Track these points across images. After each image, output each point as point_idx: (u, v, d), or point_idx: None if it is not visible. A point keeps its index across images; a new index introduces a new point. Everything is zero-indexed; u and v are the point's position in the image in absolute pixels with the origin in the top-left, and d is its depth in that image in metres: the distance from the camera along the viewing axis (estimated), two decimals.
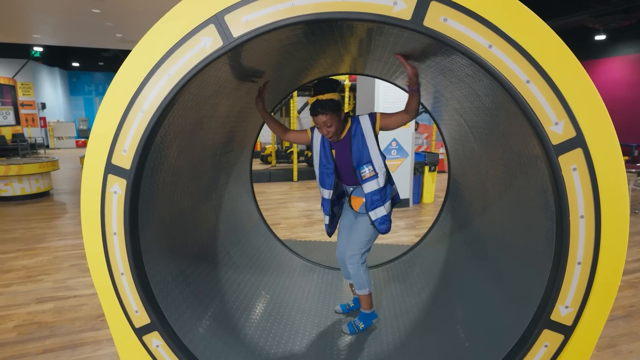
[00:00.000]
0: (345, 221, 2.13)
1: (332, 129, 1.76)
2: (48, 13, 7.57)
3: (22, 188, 6.20)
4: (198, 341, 1.56)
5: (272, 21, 1.16)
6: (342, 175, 1.97)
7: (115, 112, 1.27)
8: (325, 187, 1.97)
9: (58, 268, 3.55)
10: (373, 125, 1.85)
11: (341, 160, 1.90)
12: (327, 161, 1.92)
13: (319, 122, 1.74)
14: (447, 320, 1.84)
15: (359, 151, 1.85)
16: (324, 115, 1.72)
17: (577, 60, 1.10)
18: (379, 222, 1.90)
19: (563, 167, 1.15)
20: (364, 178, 1.86)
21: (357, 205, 1.98)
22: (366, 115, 1.87)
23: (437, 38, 1.14)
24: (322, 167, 1.95)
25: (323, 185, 1.97)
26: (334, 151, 1.92)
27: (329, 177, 1.93)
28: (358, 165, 1.86)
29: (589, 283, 1.21)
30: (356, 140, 1.85)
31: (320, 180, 1.98)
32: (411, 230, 4.81)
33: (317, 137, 1.93)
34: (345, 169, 1.92)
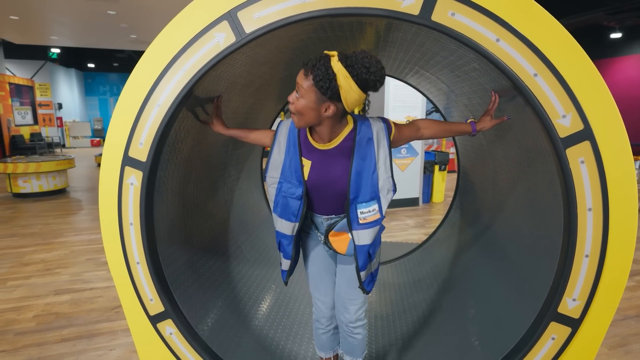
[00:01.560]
0: (321, 265, 1.46)
1: (299, 105, 1.15)
2: (65, 15, 7.76)
3: (40, 185, 6.37)
4: (209, 330, 1.61)
5: (283, 17, 1.19)
6: (315, 203, 1.32)
7: (133, 105, 1.32)
8: (286, 217, 1.31)
9: (74, 262, 3.66)
10: (388, 136, 1.28)
11: (321, 180, 1.26)
12: (291, 175, 1.28)
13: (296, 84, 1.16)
14: (454, 314, 1.85)
15: (362, 175, 1.24)
16: (304, 77, 1.12)
17: (584, 53, 1.11)
18: (368, 282, 1.37)
19: (571, 159, 1.16)
20: (361, 222, 1.24)
21: (341, 246, 1.35)
22: (379, 119, 1.30)
23: (445, 32, 1.16)
24: (284, 185, 1.29)
25: (283, 215, 1.31)
26: (308, 162, 1.27)
27: (293, 202, 1.28)
28: (356, 197, 1.24)
29: (597, 276, 1.21)
30: (361, 153, 1.23)
31: (278, 207, 1.31)
32: (420, 229, 4.80)
33: (283, 133, 1.31)
34: (325, 194, 1.28)
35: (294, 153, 1.30)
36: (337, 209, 1.34)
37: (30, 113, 12.90)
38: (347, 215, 1.28)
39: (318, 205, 1.35)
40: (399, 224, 5.06)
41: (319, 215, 1.38)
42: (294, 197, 1.29)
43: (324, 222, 1.38)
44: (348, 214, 1.27)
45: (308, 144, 1.30)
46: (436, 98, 2.50)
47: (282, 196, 1.31)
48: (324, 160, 1.28)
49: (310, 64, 1.12)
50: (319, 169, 1.28)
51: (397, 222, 5.15)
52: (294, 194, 1.29)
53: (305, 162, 1.29)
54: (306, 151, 1.30)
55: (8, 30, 9.20)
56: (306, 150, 1.30)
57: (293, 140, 1.31)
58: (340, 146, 1.27)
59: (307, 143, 1.31)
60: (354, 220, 1.27)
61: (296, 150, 1.29)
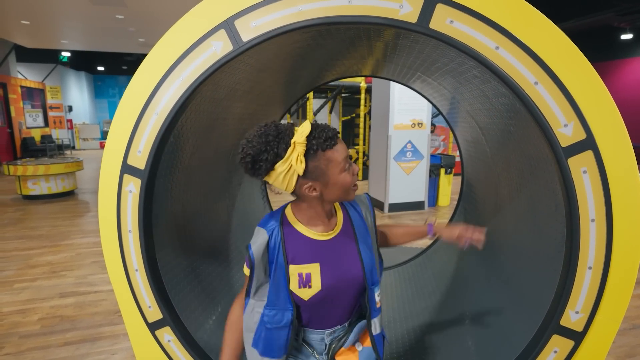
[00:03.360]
0: None
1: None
2: (74, 19, 7.89)
3: (49, 187, 6.47)
4: (208, 337, 1.61)
5: (280, 25, 1.19)
6: (317, 316, 1.05)
7: (131, 113, 1.32)
8: (269, 354, 1.02)
9: (80, 264, 3.70)
10: (374, 218, 1.15)
11: (338, 279, 1.01)
12: (276, 298, 1.00)
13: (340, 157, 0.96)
14: (456, 324, 1.83)
15: (369, 251, 1.07)
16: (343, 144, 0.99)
17: (586, 60, 1.08)
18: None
19: (573, 169, 1.13)
20: (377, 306, 1.07)
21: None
22: (363, 196, 1.17)
23: (443, 40, 1.14)
24: (266, 313, 1.01)
25: (266, 352, 1.02)
26: (316, 266, 1.00)
27: (279, 333, 1.01)
28: (372, 281, 1.05)
29: (601, 288, 1.18)
30: (358, 226, 1.09)
31: (260, 342, 1.03)
32: None
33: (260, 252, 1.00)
34: (340, 297, 1.04)
35: (279, 268, 1.00)
36: (346, 314, 1.08)
37: (41, 115, 13.11)
38: (367, 306, 1.06)
39: (320, 319, 1.07)
40: None
41: (319, 331, 1.08)
42: (281, 325, 1.01)
43: (325, 339, 1.08)
44: (368, 304, 1.05)
45: (308, 243, 1.02)
46: (439, 103, 2.48)
47: (264, 328, 1.02)
48: (335, 252, 1.03)
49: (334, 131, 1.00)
50: (333, 266, 1.02)
51: None
52: (281, 321, 1.01)
53: (311, 269, 1.00)
54: (307, 254, 1.01)
55: (20, 35, 9.37)
56: (306, 253, 1.01)
57: (275, 256, 1.01)
58: (344, 229, 1.07)
59: (301, 240, 1.02)
60: (373, 307, 1.07)
61: (281, 264, 1.00)
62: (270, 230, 1.02)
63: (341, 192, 1.00)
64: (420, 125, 5.71)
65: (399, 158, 5.71)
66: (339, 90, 8.92)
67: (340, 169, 0.97)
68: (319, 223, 1.05)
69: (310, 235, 1.03)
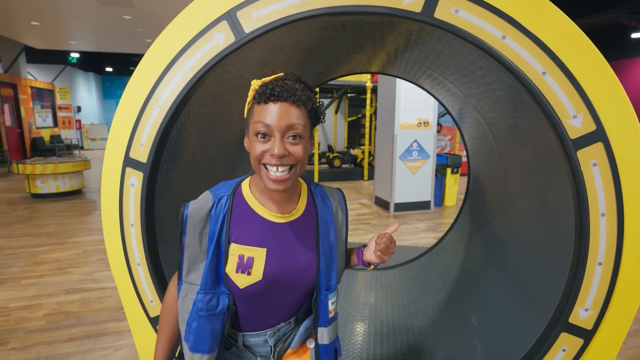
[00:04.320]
0: None
1: (301, 151, 0.81)
2: (83, 20, 7.97)
3: (57, 186, 6.54)
4: None
5: (282, 16, 1.18)
6: (255, 314, 0.91)
7: (134, 106, 1.32)
8: (199, 348, 0.86)
9: (86, 261, 3.72)
10: (346, 217, 0.99)
11: (284, 272, 0.87)
12: (213, 280, 0.85)
13: (274, 123, 0.78)
14: (462, 321, 1.79)
15: (330, 252, 0.93)
16: (296, 107, 0.80)
17: (596, 49, 1.05)
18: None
19: (582, 162, 1.10)
20: (330, 316, 0.92)
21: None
22: (336, 191, 1.01)
23: (448, 30, 1.12)
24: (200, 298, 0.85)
25: (196, 346, 0.86)
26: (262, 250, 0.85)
27: (214, 320, 0.86)
28: (327, 285, 0.91)
29: (611, 285, 1.15)
30: (323, 221, 0.93)
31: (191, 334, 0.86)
32: (431, 233, 4.72)
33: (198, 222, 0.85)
34: (284, 292, 0.89)
35: (219, 245, 0.85)
36: (290, 312, 0.94)
37: (50, 116, 13.29)
38: (315, 311, 0.91)
39: (260, 317, 0.91)
40: (409, 227, 4.99)
41: (259, 333, 0.92)
42: (217, 312, 0.85)
43: (268, 340, 0.93)
44: (317, 310, 0.91)
45: (255, 219, 0.87)
46: (446, 99, 2.45)
47: (197, 317, 0.85)
48: (287, 239, 0.88)
49: (294, 87, 0.81)
50: (281, 255, 0.87)
51: (407, 225, 5.08)
52: (216, 307, 0.85)
53: (255, 253, 0.85)
54: (251, 233, 0.86)
55: (30, 36, 9.50)
56: (253, 233, 0.86)
57: (217, 229, 0.85)
58: (305, 215, 0.92)
59: (251, 217, 0.87)
60: (324, 315, 0.91)
61: (221, 244, 0.85)
62: (217, 198, 0.87)
63: (253, 162, 0.82)
64: (426, 125, 5.67)
65: (404, 157, 5.68)
66: (344, 90, 8.90)
67: (253, 130, 0.80)
68: (270, 201, 0.89)
69: (261, 214, 0.88)
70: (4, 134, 10.05)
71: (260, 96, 0.80)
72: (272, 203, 0.89)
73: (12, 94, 10.81)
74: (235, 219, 0.87)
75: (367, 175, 8.84)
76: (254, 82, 0.84)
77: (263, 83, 0.83)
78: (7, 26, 8.55)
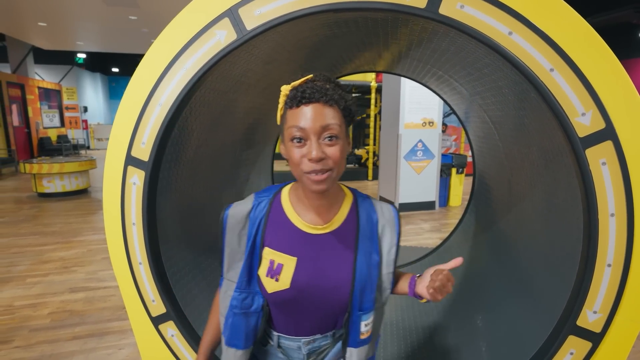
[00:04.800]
0: None
1: (338, 153, 0.78)
2: (89, 21, 8.03)
3: (63, 185, 6.59)
4: None
5: (284, 13, 1.16)
6: (290, 320, 0.91)
7: (135, 104, 1.31)
8: (233, 343, 0.90)
9: (91, 260, 3.74)
10: (398, 232, 0.92)
11: (314, 285, 0.85)
12: (246, 280, 0.88)
13: (308, 125, 0.76)
14: (467, 323, 1.77)
15: (368, 273, 0.87)
16: (329, 107, 0.77)
17: (606, 45, 1.03)
18: None
19: (591, 161, 1.07)
20: (362, 337, 0.89)
21: None
22: (388, 207, 0.93)
23: (453, 26, 1.10)
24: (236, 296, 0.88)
25: (231, 340, 0.90)
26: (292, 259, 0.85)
27: (249, 318, 0.89)
28: (360, 306, 0.86)
29: (621, 287, 1.12)
30: (364, 239, 0.88)
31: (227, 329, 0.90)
32: (436, 233, 4.69)
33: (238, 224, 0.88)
34: (314, 306, 0.87)
35: (253, 249, 0.88)
36: (326, 325, 0.91)
37: (57, 116, 13.41)
38: (346, 331, 0.88)
39: (292, 323, 0.90)
40: (414, 227, 4.96)
41: (294, 338, 0.91)
42: (251, 310, 0.88)
43: (302, 347, 0.92)
44: (347, 329, 0.87)
45: (289, 227, 0.87)
46: (451, 98, 2.42)
47: (232, 314, 0.89)
48: (320, 253, 0.86)
49: (325, 87, 0.78)
50: (312, 268, 0.85)
51: (412, 225, 5.04)
52: (251, 306, 0.88)
53: (285, 260, 0.85)
54: (283, 240, 0.87)
55: (37, 36, 9.59)
56: (283, 238, 0.87)
57: (254, 231, 0.88)
58: (342, 228, 0.87)
59: (285, 225, 0.87)
60: (354, 335, 0.88)
61: (256, 246, 0.87)
62: (258, 201, 0.90)
63: (293, 168, 0.81)
64: (431, 124, 5.63)
65: (409, 157, 5.64)
66: (349, 90, 8.87)
67: (289, 136, 0.79)
68: (307, 210, 0.87)
69: (295, 223, 0.87)
70: (11, 134, 10.16)
71: (292, 100, 0.78)
72: (309, 212, 0.88)
73: (20, 94, 10.92)
74: (271, 223, 0.88)
75: (371, 175, 8.81)
76: (284, 88, 0.82)
77: (293, 87, 0.81)
78: (15, 27, 8.64)
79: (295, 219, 0.88)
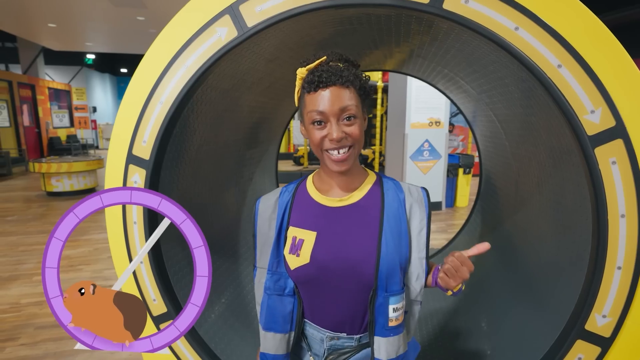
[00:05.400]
0: None
1: (357, 131, 0.80)
2: (97, 21, 8.11)
3: (72, 184, 6.66)
4: (213, 332, 1.58)
5: (285, 9, 1.15)
6: (312, 305, 0.88)
7: (136, 103, 1.31)
8: (274, 327, 0.89)
9: (97, 259, 3.76)
10: (428, 211, 0.89)
11: (334, 259, 0.83)
12: (277, 261, 0.88)
13: (327, 109, 0.78)
14: (472, 327, 1.74)
15: (395, 251, 0.83)
16: (345, 89, 0.79)
17: (616, 40, 0.99)
18: None
19: (600, 160, 1.04)
20: (391, 325, 0.82)
21: None
22: (417, 188, 0.92)
23: (458, 22, 1.07)
24: (268, 279, 0.89)
25: (269, 325, 0.89)
26: (312, 234, 0.85)
27: (284, 301, 0.88)
28: (385, 286, 0.81)
29: (631, 290, 1.08)
30: (390, 218, 0.84)
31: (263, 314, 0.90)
32: (442, 234, 4.64)
33: (269, 211, 0.93)
34: (336, 285, 0.84)
35: (280, 231, 0.89)
36: (352, 320, 0.86)
37: (67, 116, 13.59)
38: (371, 314, 0.82)
39: (318, 309, 0.88)
40: None
41: (318, 328, 0.89)
42: (285, 293, 0.87)
43: (324, 341, 0.89)
44: (373, 312, 0.82)
45: (310, 204, 0.89)
46: (457, 97, 2.38)
47: (267, 296, 0.89)
48: (340, 225, 0.85)
49: (340, 69, 0.80)
50: (332, 241, 0.84)
51: None
52: (284, 288, 0.87)
53: (306, 235, 0.85)
54: (305, 217, 0.88)
55: (47, 38, 9.72)
56: (305, 215, 0.88)
57: (281, 214, 0.91)
58: (365, 202, 0.86)
59: (307, 203, 0.90)
60: (381, 321, 0.82)
61: (282, 227, 0.89)
62: (285, 189, 0.97)
63: (314, 148, 0.84)
64: (437, 124, 5.58)
65: (415, 157, 5.60)
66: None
67: (309, 119, 0.82)
68: (330, 187, 0.90)
69: (316, 198, 0.90)
70: (22, 134, 10.31)
71: (310, 85, 0.81)
72: (332, 189, 0.90)
73: (31, 94, 11.08)
74: (296, 205, 0.92)
75: None
76: (300, 71, 0.85)
77: (309, 70, 0.84)
78: (26, 28, 8.76)
79: (317, 195, 0.91)
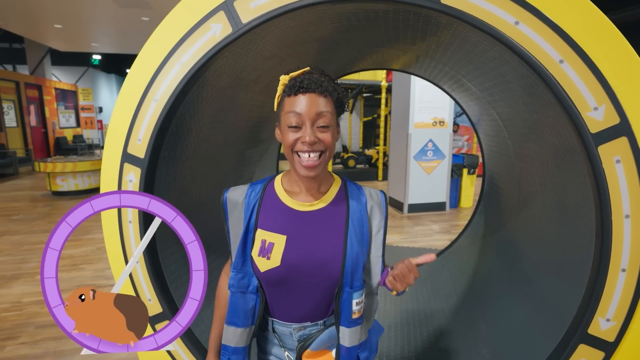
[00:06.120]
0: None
1: (329, 138, 0.85)
2: (103, 22, 8.16)
3: (76, 184, 6.70)
4: (208, 332, 1.56)
5: (280, 5, 1.13)
6: (280, 303, 0.94)
7: (131, 101, 1.29)
8: (235, 322, 0.93)
9: (99, 258, 3.78)
10: (385, 221, 0.95)
11: (304, 261, 0.88)
12: (243, 260, 0.91)
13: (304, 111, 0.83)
14: (473, 329, 1.70)
15: (359, 250, 0.90)
16: (323, 98, 0.84)
17: (620, 34, 0.96)
18: None
19: (604, 158, 1.00)
20: (354, 317, 0.90)
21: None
22: (376, 191, 0.98)
23: (457, 16, 1.04)
24: (236, 275, 0.92)
25: (233, 319, 0.93)
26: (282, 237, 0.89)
27: (248, 297, 0.92)
28: (351, 282, 0.88)
29: (636, 293, 1.05)
30: (354, 219, 0.91)
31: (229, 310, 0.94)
32: (446, 235, 4.59)
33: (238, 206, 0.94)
34: (304, 284, 0.90)
35: (247, 232, 0.92)
36: (317, 311, 0.93)
37: (73, 116, 13.70)
38: (337, 309, 0.89)
39: (285, 307, 0.93)
40: (423, 229, 4.87)
41: (286, 324, 0.95)
42: (248, 290, 0.92)
43: (293, 334, 0.95)
44: (338, 306, 0.89)
45: (279, 207, 0.92)
46: (459, 95, 2.35)
47: (230, 292, 0.94)
48: (310, 229, 0.90)
49: (321, 80, 0.86)
50: (302, 244, 0.88)
51: (421, 227, 4.96)
52: (248, 285, 0.92)
53: (275, 239, 0.89)
54: (274, 220, 0.91)
55: (53, 38, 9.81)
56: (274, 218, 0.91)
57: (248, 215, 0.93)
58: (332, 207, 0.92)
59: (276, 206, 0.92)
60: (346, 314, 0.89)
61: (249, 229, 0.92)
62: (252, 189, 0.96)
63: (286, 150, 0.88)
64: (441, 124, 5.53)
65: (419, 157, 5.55)
66: (359, 89, 8.81)
67: (286, 121, 0.86)
68: (299, 190, 0.93)
69: (286, 202, 0.93)
70: (29, 134, 10.41)
71: (290, 89, 0.86)
72: (300, 193, 0.94)
73: (38, 95, 11.19)
74: (264, 207, 0.94)
75: (381, 175, 8.72)
76: (283, 78, 0.90)
77: (292, 77, 0.89)
78: (32, 29, 8.84)
79: (286, 199, 0.94)
